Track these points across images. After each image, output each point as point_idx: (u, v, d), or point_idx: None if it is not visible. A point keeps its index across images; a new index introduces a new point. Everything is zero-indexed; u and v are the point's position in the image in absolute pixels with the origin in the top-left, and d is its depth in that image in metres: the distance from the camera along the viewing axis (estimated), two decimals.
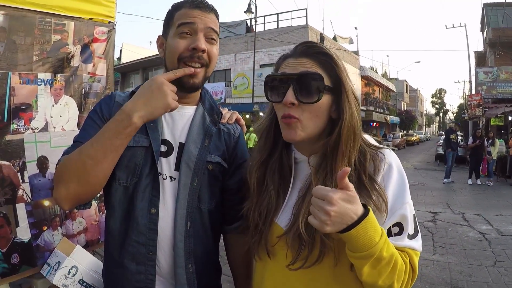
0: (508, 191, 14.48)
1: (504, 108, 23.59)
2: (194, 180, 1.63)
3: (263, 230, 1.47)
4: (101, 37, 3.38)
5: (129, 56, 45.15)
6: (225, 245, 1.92)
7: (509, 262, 6.43)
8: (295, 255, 1.33)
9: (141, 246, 1.57)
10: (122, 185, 1.60)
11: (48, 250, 2.92)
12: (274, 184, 1.51)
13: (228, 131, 1.81)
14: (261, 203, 1.50)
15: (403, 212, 1.33)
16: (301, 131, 1.38)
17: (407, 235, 1.33)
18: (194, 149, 1.65)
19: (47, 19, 2.95)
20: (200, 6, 1.61)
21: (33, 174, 2.89)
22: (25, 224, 2.82)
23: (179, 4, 1.65)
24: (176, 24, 1.60)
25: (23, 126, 2.83)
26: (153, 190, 1.59)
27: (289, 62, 1.43)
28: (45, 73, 2.96)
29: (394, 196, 1.34)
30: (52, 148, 3.02)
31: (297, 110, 1.37)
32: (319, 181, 1.34)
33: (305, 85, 1.35)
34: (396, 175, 1.37)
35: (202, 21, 1.59)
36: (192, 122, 1.70)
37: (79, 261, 2.59)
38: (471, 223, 9.20)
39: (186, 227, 1.60)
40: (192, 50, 1.57)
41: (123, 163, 1.56)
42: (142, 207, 1.58)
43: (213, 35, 1.63)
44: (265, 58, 31.72)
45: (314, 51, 1.41)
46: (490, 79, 27.67)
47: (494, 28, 30.12)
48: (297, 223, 1.32)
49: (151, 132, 1.61)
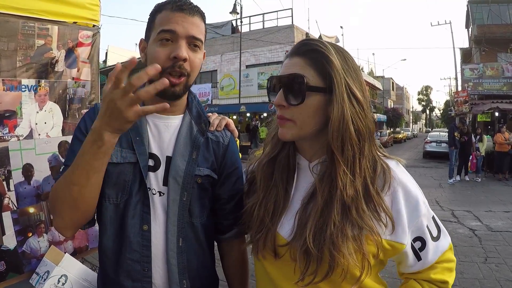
0: (497, 187, 14.62)
1: (491, 104, 23.85)
2: (183, 195, 1.58)
3: (270, 227, 1.42)
4: (85, 41, 3.33)
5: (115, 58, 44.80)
6: (219, 253, 1.87)
7: (500, 258, 6.47)
8: (303, 270, 1.29)
9: (136, 263, 1.53)
10: (112, 203, 1.54)
11: (34, 257, 2.90)
12: (282, 180, 1.46)
13: (217, 140, 1.73)
14: (268, 199, 1.46)
15: (419, 226, 1.35)
16: (294, 131, 1.36)
17: (431, 239, 1.38)
18: (181, 163, 1.59)
19: (30, 24, 2.90)
20: (184, 8, 1.50)
21: (18, 182, 2.85)
22: (11, 232, 2.78)
23: (161, 6, 1.55)
24: (158, 29, 1.50)
25: (8, 134, 2.78)
26: (144, 207, 1.54)
27: (285, 63, 1.40)
28: (29, 79, 2.91)
29: (408, 214, 1.33)
30: (37, 156, 2.97)
31: (288, 111, 1.35)
32: (324, 191, 1.31)
33: (291, 87, 1.33)
34: (406, 191, 1.35)
35: (184, 28, 1.48)
36: (179, 133, 1.63)
37: (68, 270, 2.55)
38: (460, 219, 9.25)
39: (178, 244, 1.57)
40: (173, 59, 1.47)
41: (111, 181, 1.51)
42: (134, 224, 1.53)
43: (196, 42, 1.53)
44: (251, 59, 31.78)
45: (304, 49, 1.36)
46: (476, 76, 27.93)
47: (479, 25, 30.53)
48: (304, 236, 1.28)
49: (137, 146, 1.55)
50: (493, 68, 27.61)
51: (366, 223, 1.25)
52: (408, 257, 1.37)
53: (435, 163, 23.14)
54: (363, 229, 1.25)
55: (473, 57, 33.37)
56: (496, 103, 23.58)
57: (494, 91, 27.11)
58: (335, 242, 1.23)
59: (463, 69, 29.38)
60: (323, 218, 1.27)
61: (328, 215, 1.27)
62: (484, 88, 27.61)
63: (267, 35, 30.79)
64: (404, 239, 1.32)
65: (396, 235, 1.31)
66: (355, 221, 1.25)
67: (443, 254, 1.41)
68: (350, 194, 1.27)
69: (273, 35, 30.55)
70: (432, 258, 1.38)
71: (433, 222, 1.40)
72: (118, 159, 1.51)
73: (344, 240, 1.23)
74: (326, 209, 1.28)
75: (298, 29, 31.13)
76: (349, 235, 1.24)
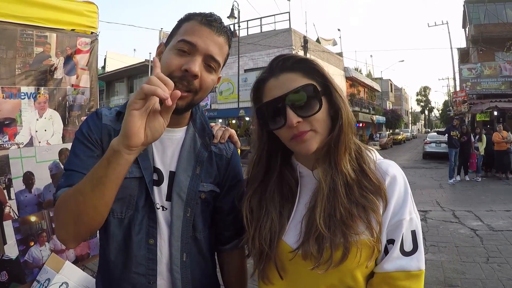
0: (497, 186, 14.60)
1: (489, 103, 23.85)
2: (187, 211, 1.57)
3: (270, 254, 1.40)
4: (84, 48, 3.34)
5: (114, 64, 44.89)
6: (218, 261, 1.85)
7: (501, 258, 6.45)
8: (317, 258, 1.27)
9: (141, 276, 1.52)
10: (116, 218, 1.53)
11: (36, 267, 2.88)
12: (275, 206, 1.45)
13: (220, 152, 1.70)
14: (262, 229, 1.43)
15: (399, 230, 1.29)
16: (317, 139, 1.35)
17: (401, 251, 1.28)
18: (185, 179, 1.57)
19: (28, 31, 2.91)
20: (213, 24, 1.45)
21: (19, 191, 2.84)
22: (13, 241, 2.78)
23: (191, 15, 1.49)
24: (179, 37, 1.43)
25: (8, 142, 2.78)
26: (150, 221, 1.53)
27: (272, 84, 1.38)
28: (28, 87, 2.92)
29: (393, 212, 1.30)
30: (37, 163, 2.97)
31: (305, 124, 1.33)
32: (327, 178, 1.33)
33: (302, 100, 1.32)
34: (398, 189, 1.33)
35: (205, 45, 1.42)
36: (182, 147, 1.60)
37: (69, 277, 2.54)
38: (461, 220, 9.23)
39: (182, 259, 1.56)
40: (184, 72, 1.40)
41: (116, 196, 1.44)
42: (140, 239, 1.52)
43: (213, 64, 1.46)
44: (249, 63, 31.77)
45: (291, 62, 1.38)
46: (474, 75, 28.01)
47: (476, 24, 30.61)
48: (315, 225, 1.29)
49: (142, 161, 1.52)
50: (491, 67, 27.68)
51: (369, 200, 1.28)
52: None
53: (435, 163, 23.13)
54: (367, 207, 1.28)
55: (471, 56, 33.48)
56: (494, 102, 23.59)
57: (492, 90, 27.17)
58: (346, 223, 1.26)
59: (461, 69, 29.46)
60: (330, 204, 1.30)
61: (335, 199, 1.29)
62: (482, 88, 27.67)
63: (265, 39, 30.80)
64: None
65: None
66: (359, 201, 1.29)
67: (403, 272, 1.27)
68: (352, 174, 1.33)
69: (271, 39, 30.57)
70: (388, 267, 1.28)
71: (413, 234, 1.30)
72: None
73: (354, 219, 1.27)
74: (331, 195, 1.30)
75: (296, 33, 31.16)
76: (356, 214, 1.27)
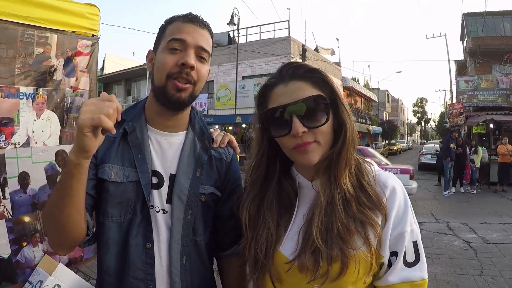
0: (492, 199, 14.67)
1: (486, 116, 23.94)
2: (187, 214, 1.58)
3: (265, 264, 1.40)
4: (84, 51, 3.34)
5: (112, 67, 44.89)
6: (218, 268, 1.86)
7: (495, 270, 6.46)
8: (313, 272, 1.26)
9: (140, 281, 1.52)
10: (115, 222, 1.53)
11: (28, 267, 2.87)
12: (272, 216, 1.44)
13: (220, 157, 1.74)
14: (259, 237, 1.43)
15: (401, 242, 1.28)
16: (320, 151, 1.35)
17: (404, 263, 1.28)
18: (185, 181, 1.59)
19: (29, 32, 2.90)
20: (194, 20, 1.57)
21: (14, 190, 2.83)
22: (5, 241, 2.76)
23: (173, 18, 1.60)
24: (167, 38, 1.53)
25: (5, 141, 2.77)
26: (147, 225, 1.54)
27: (280, 91, 1.37)
28: (27, 87, 2.91)
29: (394, 225, 1.30)
30: (33, 164, 2.96)
31: (309, 135, 1.32)
32: (326, 192, 1.32)
33: (310, 110, 1.31)
34: (398, 201, 1.32)
35: (193, 38, 1.53)
36: (182, 151, 1.64)
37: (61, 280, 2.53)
38: (456, 232, 9.26)
39: (181, 262, 1.57)
40: (181, 66, 1.49)
41: (114, 200, 1.51)
42: (138, 243, 1.52)
43: (204, 54, 1.58)
44: (247, 70, 31.82)
45: (303, 71, 1.37)
46: (471, 88, 28.10)
47: (474, 37, 30.81)
48: (312, 238, 1.27)
49: (139, 164, 1.55)
50: (488, 80, 27.78)
51: (367, 215, 1.27)
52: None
53: (430, 175, 23.13)
54: (365, 222, 1.26)
55: (468, 69, 33.64)
56: (491, 115, 23.68)
57: (489, 103, 27.27)
58: (343, 237, 1.25)
59: (458, 81, 29.54)
60: (328, 218, 1.28)
61: (333, 214, 1.28)
62: (479, 100, 27.76)
63: (264, 47, 30.87)
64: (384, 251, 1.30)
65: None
66: (357, 216, 1.28)
67: (408, 283, 1.28)
68: (351, 190, 1.31)
69: (270, 46, 30.63)
70: (393, 280, 1.29)
71: (415, 245, 1.30)
72: (121, 178, 1.52)
73: (351, 234, 1.25)
74: (329, 209, 1.29)
75: (295, 41, 31.24)
76: (353, 229, 1.26)
